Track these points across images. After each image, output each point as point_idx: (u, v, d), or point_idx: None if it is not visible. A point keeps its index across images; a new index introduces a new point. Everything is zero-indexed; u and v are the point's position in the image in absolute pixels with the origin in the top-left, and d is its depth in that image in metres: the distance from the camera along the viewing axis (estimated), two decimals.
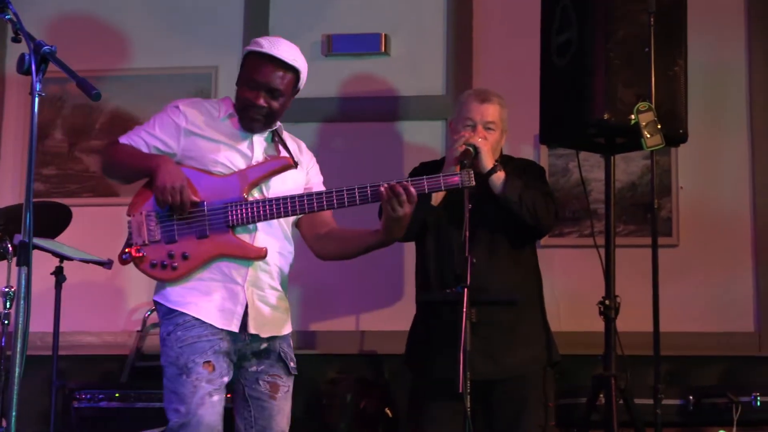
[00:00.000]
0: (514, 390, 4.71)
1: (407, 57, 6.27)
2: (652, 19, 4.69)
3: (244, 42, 6.16)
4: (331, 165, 6.15)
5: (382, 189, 3.89)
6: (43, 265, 5.57)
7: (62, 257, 5.50)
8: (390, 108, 6.23)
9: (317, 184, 4.25)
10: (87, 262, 5.52)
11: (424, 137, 6.14)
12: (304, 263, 4.31)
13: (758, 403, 5.24)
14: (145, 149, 4.04)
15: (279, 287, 4.09)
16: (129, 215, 4.02)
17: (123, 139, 4.10)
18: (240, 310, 3.96)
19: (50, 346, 5.50)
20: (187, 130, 4.03)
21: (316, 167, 4.30)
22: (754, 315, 5.87)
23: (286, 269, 4.14)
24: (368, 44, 6.25)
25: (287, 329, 4.14)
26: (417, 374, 4.92)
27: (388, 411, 5.75)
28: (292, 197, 3.97)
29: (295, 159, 4.11)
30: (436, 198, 4.69)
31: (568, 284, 5.84)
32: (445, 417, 4.64)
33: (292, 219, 4.14)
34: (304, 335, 6.10)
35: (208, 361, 3.88)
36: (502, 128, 4.80)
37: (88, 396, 5.54)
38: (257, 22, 6.36)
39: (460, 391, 4.04)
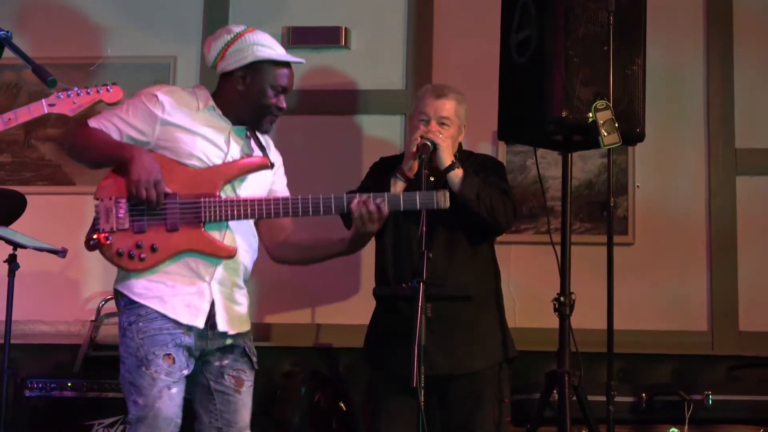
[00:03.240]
0: (469, 386, 4.71)
1: (367, 51, 6.27)
2: (611, 18, 4.71)
3: (203, 32, 6.14)
4: (290, 158, 6.17)
5: (354, 206, 3.96)
6: None
7: (16, 245, 5.45)
8: (349, 102, 6.22)
9: (282, 185, 4.25)
10: (41, 250, 5.48)
11: (383, 131, 6.14)
12: (260, 255, 4.30)
13: (710, 402, 5.27)
14: (116, 136, 3.96)
15: (243, 284, 4.10)
16: (97, 198, 3.93)
17: (93, 123, 3.99)
18: (206, 307, 3.93)
19: (2, 335, 5.45)
20: (164, 120, 3.97)
21: (282, 168, 4.30)
22: (707, 314, 5.91)
23: (251, 266, 4.14)
24: (328, 37, 6.24)
25: (249, 325, 4.15)
26: (374, 369, 4.92)
27: (342, 405, 5.75)
28: (267, 200, 3.97)
29: (271, 159, 4.10)
30: (395, 191, 4.69)
31: (523, 281, 5.86)
32: (400, 412, 4.64)
33: None
34: (259, 327, 6.06)
35: (169, 354, 3.86)
36: (458, 124, 4.79)
37: (40, 385, 5.50)
38: (217, 12, 6.34)
39: (414, 386, 4.05)
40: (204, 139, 4.00)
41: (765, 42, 6.07)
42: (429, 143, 4.58)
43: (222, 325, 3.96)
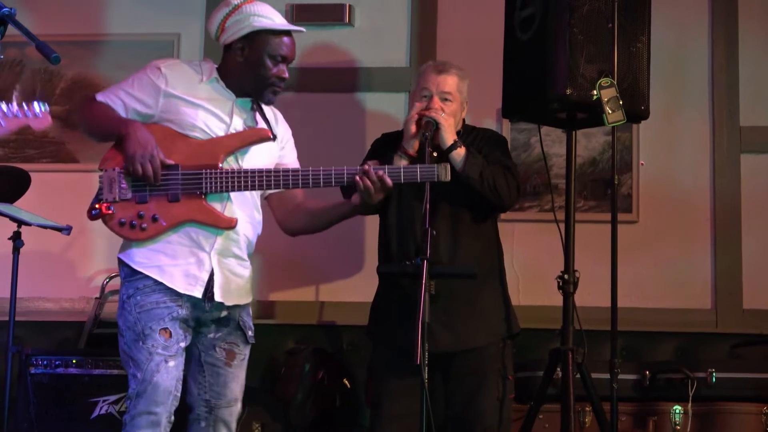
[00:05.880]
0: (473, 363, 4.72)
1: (371, 28, 6.25)
2: None
3: (207, 9, 6.11)
4: (294, 134, 6.18)
5: (358, 178, 3.99)
6: (0, 230, 5.55)
7: (20, 222, 5.46)
8: (353, 79, 6.21)
9: (291, 158, 4.28)
10: (45, 227, 5.49)
11: (386, 109, 6.13)
12: (265, 232, 4.30)
13: (714, 380, 5.28)
14: (122, 110, 4.01)
15: (245, 256, 4.12)
16: (102, 169, 3.98)
17: (100, 97, 4.06)
18: (205, 277, 3.96)
19: (7, 312, 5.47)
20: (167, 92, 4.01)
21: (291, 141, 4.33)
22: (711, 292, 5.91)
23: (254, 239, 4.16)
24: (332, 14, 6.23)
25: (249, 298, 4.16)
26: (377, 345, 4.92)
27: (346, 382, 5.76)
28: (268, 172, 3.99)
29: (273, 131, 4.11)
30: None
31: (527, 258, 5.86)
32: (403, 388, 4.63)
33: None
34: (263, 305, 6.09)
35: (165, 328, 3.90)
36: (460, 99, 4.79)
37: (45, 362, 5.51)
38: None
39: (417, 362, 4.05)
40: (206, 110, 4.03)
41: None
42: (432, 122, 4.58)
43: (218, 295, 3.98)
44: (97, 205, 3.96)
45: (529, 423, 4.87)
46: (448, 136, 4.64)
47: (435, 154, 4.51)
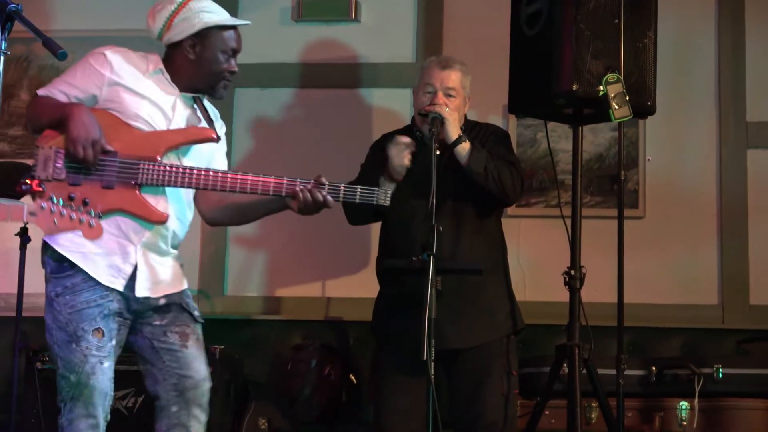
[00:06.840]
0: (477, 359, 4.72)
1: (377, 24, 6.25)
2: None
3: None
4: (300, 131, 6.19)
5: (299, 191, 3.89)
6: (7, 225, 5.56)
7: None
8: (359, 75, 6.21)
9: (222, 157, 4.18)
10: None
11: (392, 105, 6.12)
12: (270, 229, 4.29)
13: (720, 375, 5.28)
14: (64, 100, 3.91)
15: (171, 251, 4.04)
16: (38, 145, 3.87)
17: (42, 92, 3.96)
18: (128, 270, 3.88)
19: (14, 308, 5.47)
20: (111, 80, 3.92)
21: (224, 138, 4.22)
22: (717, 288, 5.90)
23: (182, 235, 4.08)
24: (339, 10, 6.22)
25: (182, 286, 4.07)
26: (381, 342, 4.92)
27: (352, 377, 5.77)
28: (207, 172, 3.91)
29: (217, 132, 4.05)
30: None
31: (533, 254, 5.85)
32: (407, 384, 4.65)
33: None
34: (269, 301, 6.10)
35: (98, 328, 3.82)
36: (464, 95, 4.80)
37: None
38: None
39: (424, 358, 4.05)
40: (150, 102, 3.95)
41: None
42: (437, 117, 4.59)
43: (141, 290, 3.90)
44: (28, 181, 3.82)
45: (535, 418, 4.87)
46: (453, 131, 4.65)
47: (438, 152, 4.50)
